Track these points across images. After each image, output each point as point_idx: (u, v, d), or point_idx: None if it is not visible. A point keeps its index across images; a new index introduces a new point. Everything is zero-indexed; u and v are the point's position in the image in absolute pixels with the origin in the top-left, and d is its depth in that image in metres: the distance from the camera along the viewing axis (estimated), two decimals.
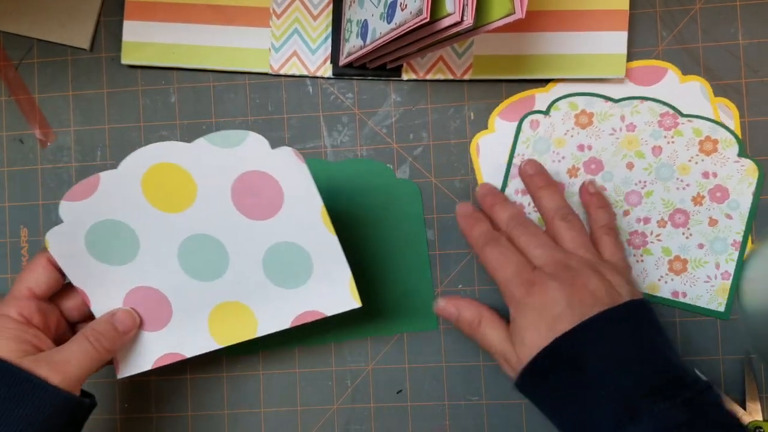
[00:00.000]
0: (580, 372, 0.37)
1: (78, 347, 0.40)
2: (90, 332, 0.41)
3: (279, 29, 0.52)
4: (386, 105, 0.52)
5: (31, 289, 0.41)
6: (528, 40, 0.50)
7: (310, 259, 0.43)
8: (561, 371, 0.38)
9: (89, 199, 0.42)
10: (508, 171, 0.52)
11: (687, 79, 0.51)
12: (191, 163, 0.41)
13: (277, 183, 0.41)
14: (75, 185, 0.41)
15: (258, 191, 0.41)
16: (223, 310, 0.44)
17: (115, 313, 0.43)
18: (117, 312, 0.43)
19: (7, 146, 0.54)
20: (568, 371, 0.37)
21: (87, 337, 0.40)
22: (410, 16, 0.37)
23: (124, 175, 0.41)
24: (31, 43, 0.54)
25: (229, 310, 0.44)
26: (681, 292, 0.50)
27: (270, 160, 0.40)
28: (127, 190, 0.41)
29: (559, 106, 0.51)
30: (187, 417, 0.53)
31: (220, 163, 0.40)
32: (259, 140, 0.40)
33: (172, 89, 0.53)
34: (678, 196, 0.50)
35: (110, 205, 0.42)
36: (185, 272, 0.44)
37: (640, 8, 0.51)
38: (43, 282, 0.42)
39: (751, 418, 0.48)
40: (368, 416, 0.52)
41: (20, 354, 0.38)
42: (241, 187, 0.41)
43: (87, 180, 0.41)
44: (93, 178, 0.41)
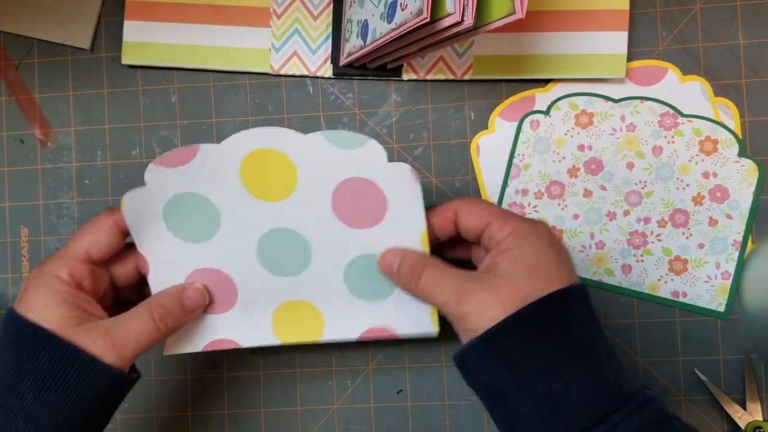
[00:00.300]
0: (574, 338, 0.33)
1: (140, 323, 0.36)
2: (156, 308, 0.37)
3: (279, 29, 0.52)
4: (386, 105, 0.52)
5: (87, 252, 0.37)
6: (528, 40, 0.50)
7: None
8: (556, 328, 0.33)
9: (180, 168, 0.39)
10: (508, 171, 0.52)
11: (687, 79, 0.51)
12: (299, 154, 0.39)
13: (384, 196, 0.40)
14: (169, 151, 0.39)
15: (361, 199, 0.40)
16: (291, 307, 0.43)
17: (185, 289, 0.40)
18: (188, 288, 0.40)
19: (8, 146, 0.54)
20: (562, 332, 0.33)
21: (152, 314, 0.37)
22: (410, 16, 0.37)
23: (225, 153, 0.39)
24: (31, 43, 0.54)
25: (298, 308, 0.43)
26: (681, 292, 0.50)
27: (383, 172, 0.39)
28: (223, 168, 0.40)
29: (560, 106, 0.51)
30: (187, 417, 0.53)
31: (331, 162, 0.39)
32: (377, 149, 0.39)
33: (173, 89, 0.53)
34: (678, 196, 0.50)
35: (201, 179, 0.40)
36: (261, 263, 0.42)
37: (640, 8, 0.51)
38: (103, 245, 0.38)
39: (751, 418, 0.48)
40: (368, 416, 0.52)
41: (73, 321, 0.35)
42: (345, 190, 0.40)
43: (184, 148, 0.39)
44: (191, 147, 0.39)
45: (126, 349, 0.36)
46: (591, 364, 0.32)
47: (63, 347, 0.34)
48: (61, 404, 0.33)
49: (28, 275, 0.39)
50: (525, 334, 0.33)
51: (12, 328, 0.35)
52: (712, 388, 0.49)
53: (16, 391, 0.33)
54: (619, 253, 0.51)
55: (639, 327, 0.51)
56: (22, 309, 0.35)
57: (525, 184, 0.51)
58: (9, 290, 0.54)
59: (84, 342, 0.34)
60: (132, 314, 0.37)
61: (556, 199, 0.51)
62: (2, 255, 0.54)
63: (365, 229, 0.41)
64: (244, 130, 0.39)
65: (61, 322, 0.34)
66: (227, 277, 0.42)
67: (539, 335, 0.32)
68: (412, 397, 0.52)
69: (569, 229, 0.51)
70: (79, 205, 0.54)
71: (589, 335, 0.33)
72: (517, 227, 0.36)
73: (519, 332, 0.33)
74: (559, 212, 0.51)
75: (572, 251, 0.51)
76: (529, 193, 0.51)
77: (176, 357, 0.52)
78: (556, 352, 0.32)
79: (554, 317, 0.33)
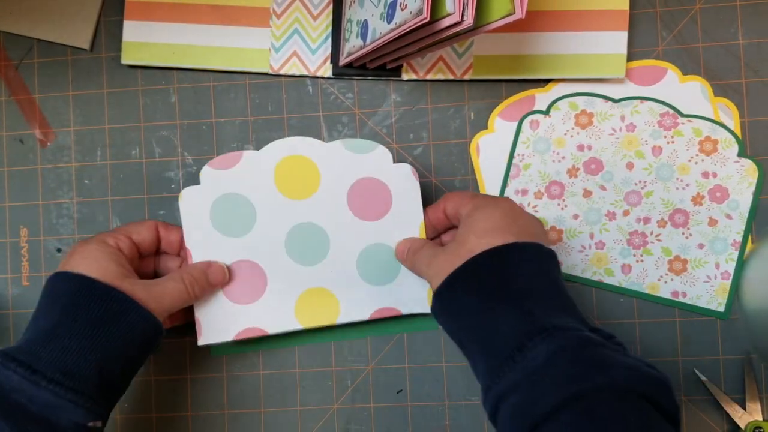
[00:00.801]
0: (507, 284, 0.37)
1: (173, 285, 0.43)
2: (186, 275, 0.44)
3: (279, 29, 0.52)
4: (386, 105, 0.52)
5: (129, 233, 0.45)
6: (528, 40, 0.50)
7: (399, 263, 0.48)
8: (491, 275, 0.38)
9: (228, 171, 0.47)
10: (508, 171, 0.52)
11: (687, 79, 0.51)
12: (323, 159, 0.47)
13: (389, 192, 0.47)
14: (219, 156, 0.47)
15: (371, 195, 0.47)
16: (311, 294, 0.48)
17: (210, 265, 0.46)
18: (213, 264, 0.46)
19: (8, 146, 0.54)
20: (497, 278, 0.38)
21: (183, 279, 0.44)
22: (410, 16, 0.37)
23: (263, 158, 0.47)
24: (31, 43, 0.54)
25: (317, 295, 0.48)
26: (681, 292, 0.50)
27: (389, 171, 0.47)
28: (261, 171, 0.47)
29: (559, 106, 0.51)
30: (187, 417, 0.53)
31: (347, 165, 0.47)
32: (385, 153, 0.47)
33: (172, 89, 0.53)
34: (678, 196, 0.50)
35: (243, 180, 0.47)
36: (288, 254, 0.48)
37: (640, 8, 0.51)
38: (143, 235, 0.45)
39: (751, 417, 0.48)
40: (368, 416, 0.52)
41: (119, 275, 0.41)
42: (358, 188, 0.47)
43: (231, 153, 0.47)
44: (236, 153, 0.47)
45: (163, 303, 0.42)
46: (519, 306, 0.36)
47: (114, 293, 0.40)
48: (109, 341, 0.39)
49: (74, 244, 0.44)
50: (465, 286, 0.38)
51: (62, 283, 0.40)
52: (711, 388, 0.49)
53: (69, 332, 0.38)
54: (618, 253, 0.51)
55: (639, 327, 0.51)
56: (70, 268, 0.41)
57: (525, 184, 0.51)
58: (9, 290, 0.54)
59: (131, 291, 0.40)
60: (167, 278, 0.44)
61: (556, 199, 0.51)
62: (2, 255, 0.54)
63: (374, 221, 0.48)
64: (280, 139, 0.47)
65: (109, 274, 0.40)
66: (260, 268, 0.48)
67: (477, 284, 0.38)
68: (412, 397, 0.52)
69: (569, 229, 0.51)
70: (79, 205, 0.54)
71: (526, 283, 0.37)
72: (477, 203, 0.41)
73: (461, 284, 0.38)
74: (559, 212, 0.51)
75: (572, 251, 0.51)
76: (529, 193, 0.51)
77: (176, 357, 0.52)
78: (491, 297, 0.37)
79: (491, 268, 0.38)
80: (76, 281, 0.40)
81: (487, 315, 0.37)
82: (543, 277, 0.38)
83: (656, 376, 0.34)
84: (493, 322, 0.37)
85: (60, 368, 0.37)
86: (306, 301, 0.48)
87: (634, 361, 0.34)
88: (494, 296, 0.37)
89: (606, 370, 0.33)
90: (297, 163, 0.47)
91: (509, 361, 0.35)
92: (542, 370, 0.33)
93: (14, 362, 0.37)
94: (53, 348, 0.38)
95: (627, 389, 0.32)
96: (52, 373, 0.37)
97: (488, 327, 0.37)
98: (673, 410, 0.33)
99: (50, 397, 0.36)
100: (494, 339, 0.36)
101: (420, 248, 0.44)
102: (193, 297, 0.45)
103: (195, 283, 0.45)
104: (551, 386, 0.33)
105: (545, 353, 0.34)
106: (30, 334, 0.39)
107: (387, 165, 0.47)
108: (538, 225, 0.42)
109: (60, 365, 0.37)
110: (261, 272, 0.48)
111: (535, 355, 0.34)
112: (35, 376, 0.36)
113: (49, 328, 0.39)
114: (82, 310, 0.39)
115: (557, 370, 0.33)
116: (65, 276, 0.41)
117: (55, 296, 0.40)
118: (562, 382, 0.33)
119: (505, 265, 0.38)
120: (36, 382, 0.36)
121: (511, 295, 0.37)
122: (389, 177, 0.47)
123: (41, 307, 0.41)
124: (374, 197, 0.47)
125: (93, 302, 0.39)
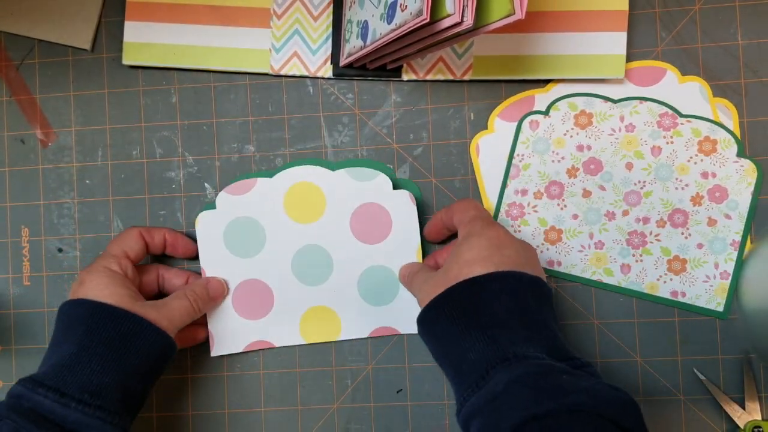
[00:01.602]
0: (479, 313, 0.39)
1: (179, 302, 0.46)
2: (189, 293, 0.48)
3: (279, 30, 0.52)
4: (386, 105, 0.53)
5: (125, 252, 0.48)
6: (528, 40, 0.51)
7: (398, 284, 0.51)
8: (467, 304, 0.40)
9: (242, 196, 0.51)
10: (507, 171, 0.52)
11: (686, 79, 0.51)
12: (329, 186, 0.51)
13: (389, 217, 0.50)
14: (235, 182, 0.51)
15: (372, 219, 0.51)
16: (315, 312, 0.52)
17: (209, 281, 0.50)
18: (211, 280, 0.50)
19: (9, 146, 0.54)
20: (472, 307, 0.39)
21: (187, 296, 0.47)
22: (410, 16, 0.38)
23: (275, 185, 0.51)
24: (32, 44, 0.54)
25: (320, 313, 0.52)
26: (680, 291, 0.50)
27: (389, 198, 0.50)
28: (272, 197, 0.51)
29: (559, 107, 0.51)
30: (187, 417, 0.53)
31: (351, 192, 0.51)
32: (385, 180, 0.50)
33: (173, 89, 0.54)
34: (677, 196, 0.50)
35: (255, 205, 0.51)
36: (294, 274, 0.51)
37: (640, 9, 0.51)
38: (135, 249, 0.48)
39: (750, 417, 0.48)
40: (368, 416, 0.52)
41: (131, 299, 0.44)
42: (361, 213, 0.51)
43: (246, 180, 0.51)
44: (251, 180, 0.51)
45: (174, 320, 0.45)
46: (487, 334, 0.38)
47: (129, 316, 0.43)
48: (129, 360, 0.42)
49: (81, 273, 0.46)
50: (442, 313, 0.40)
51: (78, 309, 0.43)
52: (711, 387, 0.49)
53: (91, 355, 0.41)
54: (618, 253, 0.51)
55: (638, 327, 0.51)
56: (83, 295, 0.44)
57: (524, 184, 0.52)
58: (10, 290, 0.54)
59: (143, 313, 0.43)
60: (173, 297, 0.47)
61: (556, 199, 0.51)
62: (3, 255, 0.54)
63: (375, 244, 0.51)
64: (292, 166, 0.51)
65: (122, 298, 0.43)
66: (267, 287, 0.51)
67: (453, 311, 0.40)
68: (412, 396, 0.52)
69: (568, 229, 0.51)
70: (80, 205, 0.54)
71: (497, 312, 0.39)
72: (470, 229, 0.43)
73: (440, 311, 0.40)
74: (559, 212, 0.51)
75: (571, 251, 0.51)
76: (529, 193, 0.52)
77: (177, 357, 0.52)
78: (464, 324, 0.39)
79: (467, 297, 0.40)
80: (91, 307, 0.43)
81: (459, 342, 0.39)
82: (515, 307, 0.39)
83: (618, 397, 0.35)
84: (464, 350, 0.39)
85: (87, 389, 0.40)
86: (310, 319, 0.52)
87: (596, 385, 0.35)
88: (467, 324, 0.39)
89: (563, 395, 0.34)
90: (305, 190, 0.51)
91: (474, 387, 0.37)
92: (501, 397, 0.35)
93: (43, 387, 0.39)
94: (78, 371, 0.41)
95: (584, 411, 0.33)
96: (80, 395, 0.40)
97: (460, 353, 0.39)
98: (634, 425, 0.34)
99: (80, 416, 0.39)
100: (463, 365, 0.39)
101: (417, 272, 0.47)
102: (198, 311, 0.48)
103: (198, 299, 0.48)
104: (509, 411, 0.34)
105: (505, 381, 0.35)
106: (55, 359, 0.42)
107: (387, 191, 0.50)
108: (526, 253, 0.42)
109: (86, 386, 0.40)
110: (269, 291, 0.51)
111: (495, 383, 0.36)
112: (65, 398, 0.39)
113: (72, 353, 0.41)
114: (101, 333, 0.42)
115: (514, 397, 0.35)
116: (80, 303, 0.43)
117: (73, 322, 0.43)
118: (519, 408, 0.34)
119: (480, 294, 0.39)
120: (66, 404, 0.39)
121: (481, 323, 0.39)
122: (389, 202, 0.50)
123: (59, 333, 0.44)
124: (375, 221, 0.50)
125: (111, 325, 0.42)
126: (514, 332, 0.38)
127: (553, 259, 0.51)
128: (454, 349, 0.39)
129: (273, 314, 0.51)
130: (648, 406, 0.50)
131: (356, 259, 0.51)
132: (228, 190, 0.51)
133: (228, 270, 0.51)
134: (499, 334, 0.38)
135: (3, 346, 0.54)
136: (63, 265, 0.54)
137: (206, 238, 0.51)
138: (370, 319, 0.51)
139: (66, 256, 0.54)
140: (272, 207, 0.51)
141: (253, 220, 0.51)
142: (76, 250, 0.54)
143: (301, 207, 0.51)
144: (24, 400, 0.40)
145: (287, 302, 0.51)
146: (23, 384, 0.40)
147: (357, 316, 0.51)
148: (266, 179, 0.51)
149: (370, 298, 0.51)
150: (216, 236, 0.51)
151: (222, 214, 0.51)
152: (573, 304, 0.51)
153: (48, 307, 0.54)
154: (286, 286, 0.51)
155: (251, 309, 0.51)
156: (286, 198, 0.51)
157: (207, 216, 0.51)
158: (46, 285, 0.54)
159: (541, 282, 0.41)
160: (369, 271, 0.51)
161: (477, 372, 0.37)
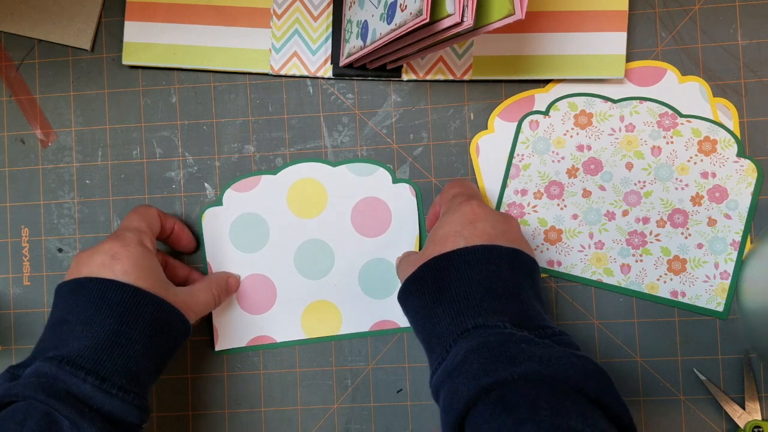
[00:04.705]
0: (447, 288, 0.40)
1: (206, 295, 0.48)
2: (215, 286, 0.49)
3: (279, 30, 0.52)
4: (386, 105, 0.53)
5: (151, 228, 0.47)
6: (528, 40, 0.51)
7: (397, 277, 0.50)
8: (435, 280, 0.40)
9: (248, 193, 0.52)
10: (507, 171, 0.52)
11: (686, 79, 0.51)
12: (331, 182, 0.52)
13: (389, 210, 0.52)
14: (240, 180, 0.52)
15: (372, 213, 0.52)
16: (316, 306, 0.52)
17: (229, 276, 0.52)
18: (230, 276, 0.52)
19: (9, 146, 0.54)
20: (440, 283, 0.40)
21: (212, 289, 0.48)
22: (410, 16, 0.38)
23: (279, 181, 0.52)
24: (32, 44, 0.54)
25: (322, 307, 0.52)
26: (680, 291, 0.50)
27: (389, 191, 0.52)
28: (275, 193, 0.52)
29: (559, 107, 0.51)
30: (187, 416, 0.53)
31: (351, 187, 0.52)
32: (385, 174, 0.52)
33: (173, 89, 0.54)
34: (677, 196, 0.50)
35: (259, 202, 0.52)
36: (296, 268, 0.52)
37: (640, 9, 0.51)
38: (155, 227, 0.48)
39: (750, 417, 0.48)
40: (368, 416, 0.52)
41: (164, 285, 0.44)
42: (361, 207, 0.52)
43: (251, 178, 0.52)
44: (256, 177, 0.52)
45: (198, 311, 0.47)
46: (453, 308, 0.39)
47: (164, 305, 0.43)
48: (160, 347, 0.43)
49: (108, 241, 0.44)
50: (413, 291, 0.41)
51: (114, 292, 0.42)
52: (711, 387, 0.49)
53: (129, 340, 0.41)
54: (618, 252, 0.51)
55: (638, 327, 0.51)
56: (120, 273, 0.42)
57: (524, 184, 0.52)
58: (10, 290, 0.54)
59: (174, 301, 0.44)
60: (199, 288, 0.48)
61: (555, 199, 0.51)
62: (3, 255, 0.54)
63: (376, 237, 0.52)
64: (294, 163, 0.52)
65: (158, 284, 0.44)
66: (271, 282, 0.52)
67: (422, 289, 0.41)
68: (412, 396, 0.52)
69: (568, 229, 0.51)
70: (80, 205, 0.54)
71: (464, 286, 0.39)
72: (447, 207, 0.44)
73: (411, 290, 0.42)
74: (558, 212, 0.51)
75: (571, 251, 0.51)
76: (529, 193, 0.52)
77: (178, 357, 0.52)
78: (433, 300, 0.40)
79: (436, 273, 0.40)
80: (129, 292, 0.42)
81: (429, 317, 0.40)
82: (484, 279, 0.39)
83: (581, 365, 0.34)
84: (433, 324, 0.40)
85: (126, 375, 0.40)
86: (311, 313, 0.52)
87: (556, 353, 0.35)
88: (434, 299, 0.40)
89: (518, 363, 0.34)
90: (308, 186, 0.52)
91: (440, 360, 0.38)
92: (459, 367, 0.36)
93: (83, 371, 0.38)
94: (117, 355, 0.40)
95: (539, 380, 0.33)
96: (120, 380, 0.39)
97: (430, 328, 0.40)
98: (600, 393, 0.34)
99: (118, 402, 0.39)
100: (432, 339, 0.39)
101: (403, 258, 0.48)
102: (217, 305, 0.49)
103: (221, 292, 0.50)
104: (466, 382, 0.35)
105: (463, 352, 0.36)
106: (87, 340, 0.40)
107: (387, 185, 0.52)
108: (504, 225, 0.42)
109: (125, 372, 0.40)
110: (272, 285, 0.52)
111: (455, 354, 0.37)
112: (105, 384, 0.39)
113: (108, 335, 0.40)
114: (138, 319, 0.41)
115: (471, 366, 0.35)
116: (116, 285, 0.42)
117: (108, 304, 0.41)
118: (474, 378, 0.35)
119: (448, 269, 0.40)
120: (106, 390, 0.38)
121: (448, 298, 0.39)
122: (389, 195, 0.52)
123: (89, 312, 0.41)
124: (375, 215, 0.52)
125: (149, 312, 0.42)
126: (479, 304, 0.39)
127: (553, 259, 0.51)
128: (425, 324, 0.40)
129: (276, 309, 0.52)
130: (648, 406, 0.50)
131: (357, 253, 0.52)
132: (234, 188, 0.52)
133: (233, 265, 0.52)
134: (465, 308, 0.39)
135: (3, 346, 0.54)
136: (63, 265, 0.54)
137: (212, 234, 0.52)
138: (370, 312, 0.52)
139: (66, 256, 0.54)
140: (276, 203, 0.52)
141: (258, 216, 0.52)
142: (76, 250, 0.54)
143: (304, 202, 0.52)
144: (59, 382, 0.37)
145: (290, 297, 0.52)
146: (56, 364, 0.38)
147: (358, 309, 0.52)
148: (270, 176, 0.52)
149: (371, 291, 0.52)
150: (222, 232, 0.52)
151: (228, 210, 0.52)
152: (573, 304, 0.51)
153: (48, 307, 0.54)
154: (288, 280, 0.52)
155: (255, 304, 0.52)
156: (289, 194, 0.52)
157: (213, 212, 0.52)
158: (47, 285, 0.54)
159: (518, 253, 0.41)
160: (369, 264, 0.52)
161: (442, 345, 0.38)
